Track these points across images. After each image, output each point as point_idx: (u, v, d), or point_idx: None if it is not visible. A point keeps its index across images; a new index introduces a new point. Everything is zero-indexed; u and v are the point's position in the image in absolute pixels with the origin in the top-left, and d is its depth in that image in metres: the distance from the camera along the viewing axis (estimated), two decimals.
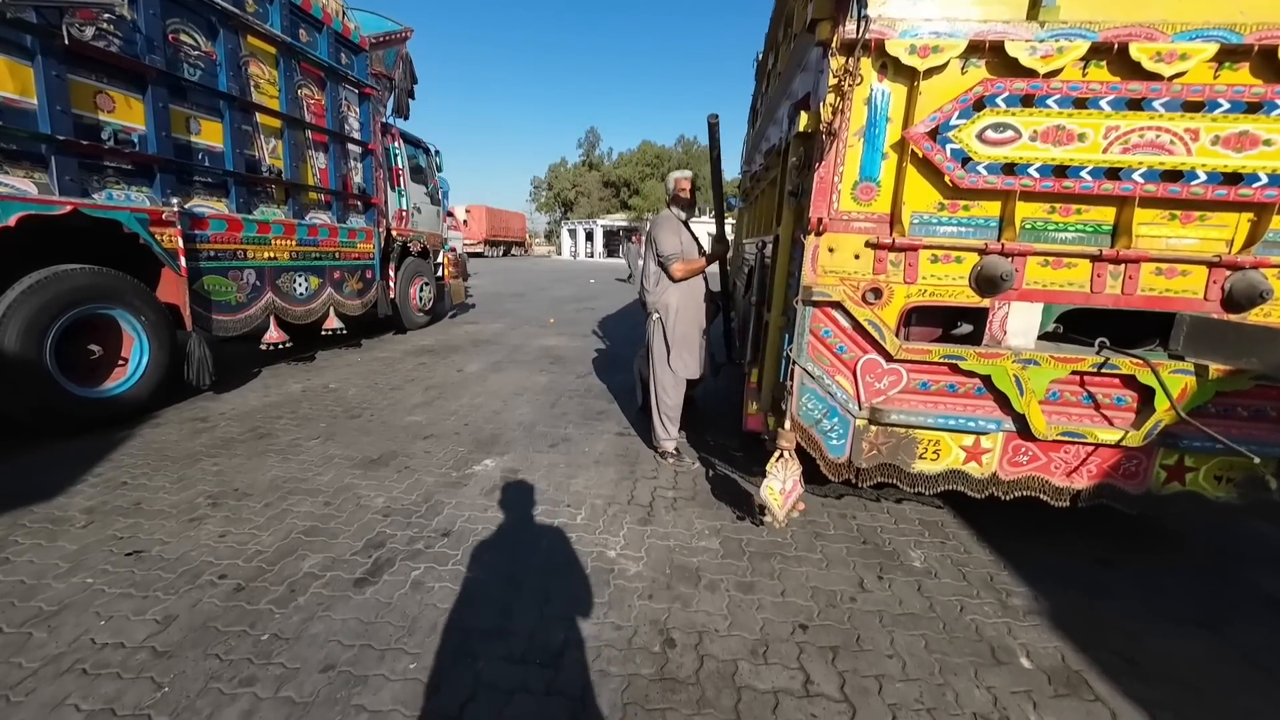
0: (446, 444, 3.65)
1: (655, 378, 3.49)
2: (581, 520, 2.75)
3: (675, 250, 3.31)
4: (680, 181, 3.46)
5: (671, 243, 3.32)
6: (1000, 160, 2.08)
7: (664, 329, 3.41)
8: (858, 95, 2.13)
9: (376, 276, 6.66)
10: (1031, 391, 2.23)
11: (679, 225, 3.41)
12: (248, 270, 4.79)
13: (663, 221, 3.40)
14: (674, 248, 3.31)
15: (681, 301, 3.41)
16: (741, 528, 2.74)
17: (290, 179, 5.24)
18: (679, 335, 3.42)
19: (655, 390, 3.49)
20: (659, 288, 3.43)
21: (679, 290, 3.40)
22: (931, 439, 2.36)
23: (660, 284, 3.42)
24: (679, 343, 3.43)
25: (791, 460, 2.44)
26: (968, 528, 2.82)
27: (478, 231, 37.03)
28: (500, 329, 8.42)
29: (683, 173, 3.53)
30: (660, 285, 3.42)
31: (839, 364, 2.36)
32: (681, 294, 3.40)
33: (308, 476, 3.09)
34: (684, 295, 3.41)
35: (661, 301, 3.41)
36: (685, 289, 3.41)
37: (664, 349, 3.43)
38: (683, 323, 3.42)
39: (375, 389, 4.87)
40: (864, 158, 2.20)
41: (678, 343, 3.42)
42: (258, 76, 4.87)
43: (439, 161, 8.66)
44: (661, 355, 3.43)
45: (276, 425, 3.86)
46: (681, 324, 3.42)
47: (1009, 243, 2.16)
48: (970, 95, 2.04)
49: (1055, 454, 2.33)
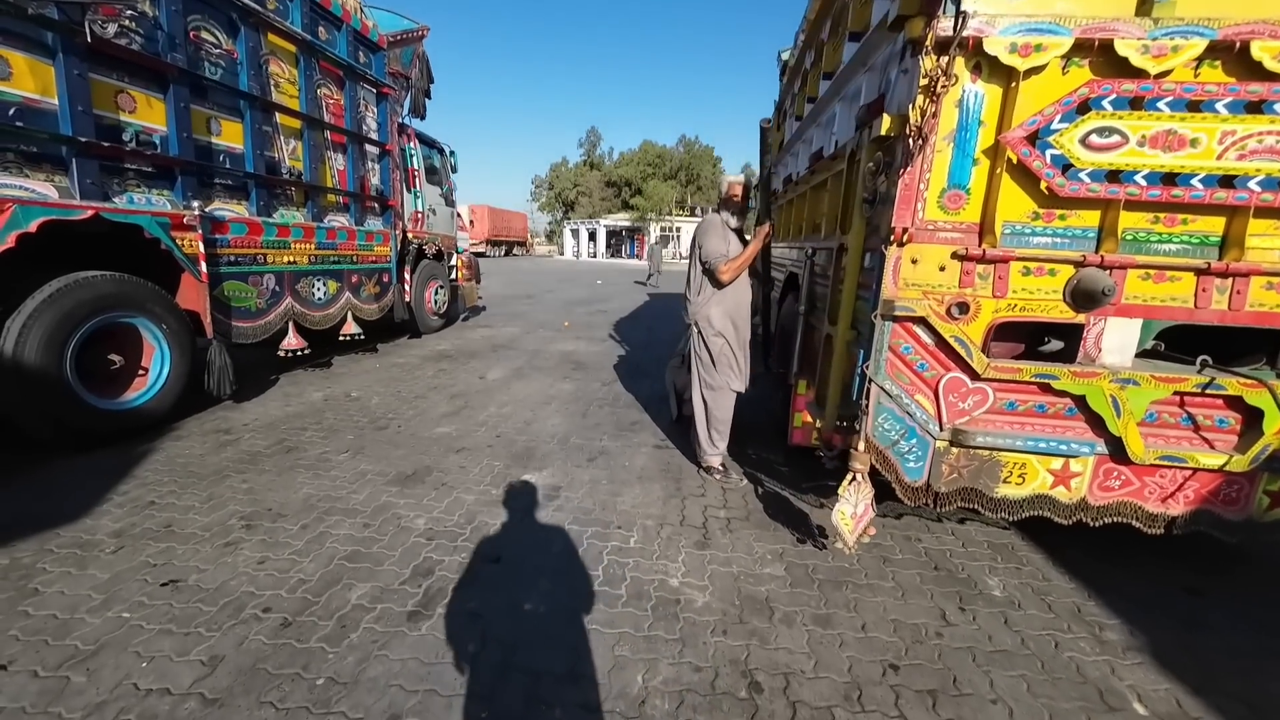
0: (480, 458, 3.51)
1: (701, 390, 3.35)
2: (636, 544, 2.61)
3: (722, 252, 3.16)
4: (733, 185, 3.30)
5: (719, 246, 3.17)
6: (1105, 167, 1.94)
7: (705, 342, 3.28)
8: (948, 97, 1.99)
9: (393, 280, 6.52)
10: (1129, 413, 2.09)
11: (726, 230, 3.25)
12: (268, 275, 4.65)
13: (709, 225, 3.25)
14: (721, 250, 3.16)
15: (724, 315, 3.25)
16: (805, 552, 2.60)
17: (309, 181, 5.10)
18: (718, 349, 3.28)
19: (704, 402, 3.34)
20: (701, 297, 3.28)
21: (722, 303, 3.24)
22: (1017, 462, 2.22)
23: (704, 293, 3.27)
24: (719, 357, 3.29)
25: (864, 483, 2.31)
26: (1040, 551, 2.68)
27: (480, 231, 36.90)
28: (515, 333, 8.27)
29: (735, 175, 3.38)
30: (703, 295, 3.27)
31: (919, 382, 2.23)
32: (725, 307, 3.25)
33: (342, 495, 2.95)
34: (727, 308, 3.25)
35: (703, 313, 3.26)
36: (730, 301, 3.24)
37: (708, 360, 3.30)
38: (723, 337, 3.27)
39: (399, 398, 4.72)
40: (953, 164, 2.06)
41: (718, 357, 3.29)
42: (278, 75, 4.73)
43: (454, 162, 8.52)
44: (708, 366, 3.30)
45: (302, 438, 3.72)
46: (721, 338, 3.27)
47: (1109, 255, 2.02)
48: (1075, 97, 1.90)
49: (1150, 478, 2.19)
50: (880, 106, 2.33)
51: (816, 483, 3.27)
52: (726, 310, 3.25)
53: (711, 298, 3.25)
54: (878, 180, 2.24)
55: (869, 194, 2.28)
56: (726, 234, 3.23)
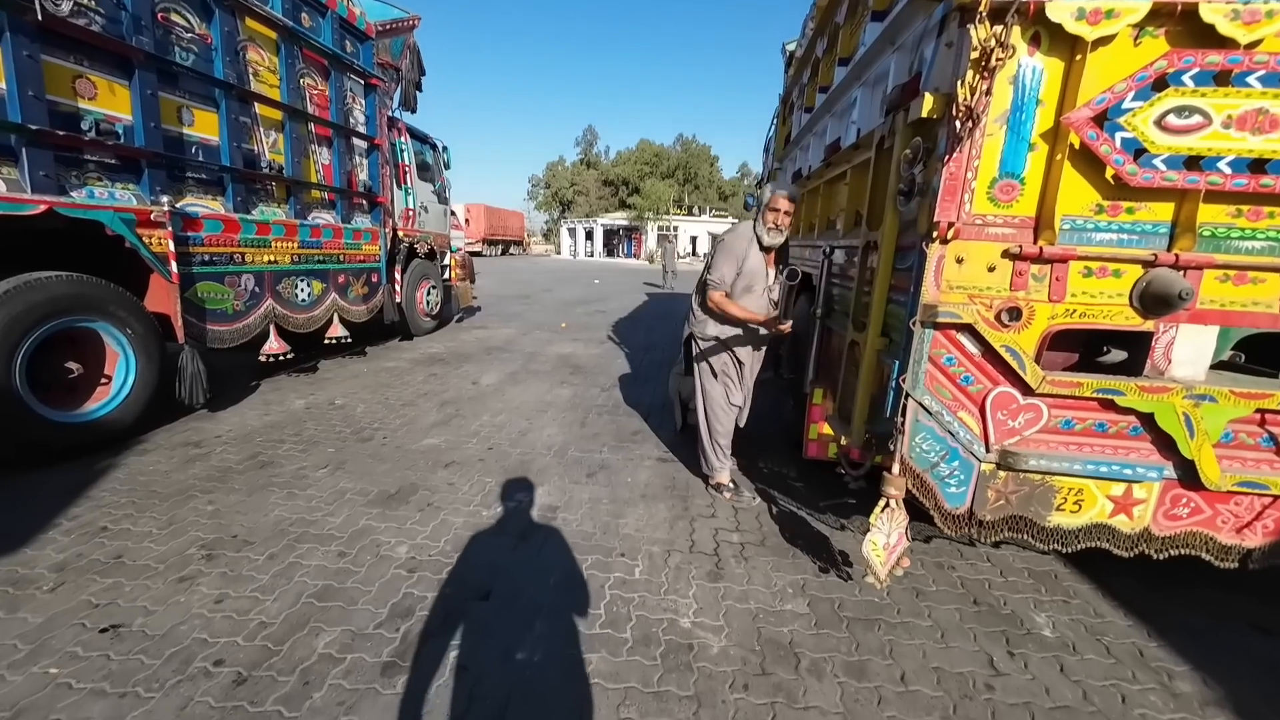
0: (471, 473, 3.24)
1: (701, 400, 3.10)
2: (641, 574, 2.35)
3: (725, 279, 2.85)
4: (776, 198, 2.82)
5: (724, 270, 2.85)
6: (1183, 152, 1.69)
7: (704, 353, 3.03)
8: (1001, 74, 1.73)
9: (383, 280, 6.24)
10: (1204, 433, 1.84)
11: (750, 249, 2.88)
12: (246, 275, 4.37)
13: (733, 240, 2.91)
14: (726, 276, 2.84)
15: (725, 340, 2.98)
16: (829, 584, 2.34)
17: (292, 175, 4.82)
18: (720, 366, 3.04)
19: (704, 413, 3.09)
20: (700, 316, 3.01)
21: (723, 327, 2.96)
22: (1073, 487, 1.97)
23: (703, 314, 2.99)
24: (721, 374, 3.06)
25: (898, 510, 2.05)
26: (1086, 580, 2.44)
27: (476, 230, 36.57)
28: (511, 334, 8.00)
29: (785, 189, 2.91)
30: (704, 316, 2.99)
31: (963, 398, 1.97)
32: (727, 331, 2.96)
33: (317, 518, 2.68)
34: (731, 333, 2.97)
35: (702, 332, 3.00)
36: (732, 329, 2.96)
37: (709, 372, 3.05)
38: (724, 359, 3.02)
39: (385, 405, 4.45)
40: (1005, 149, 1.80)
41: (720, 373, 3.05)
42: (257, 63, 4.44)
43: (447, 158, 8.24)
44: (706, 374, 3.06)
45: (279, 451, 3.45)
46: (722, 361, 3.03)
47: (1185, 253, 1.77)
48: (1151, 72, 1.64)
49: (1223, 506, 1.94)
50: (916, 86, 2.07)
51: (835, 500, 3.02)
52: (730, 335, 2.99)
53: (709, 319, 2.98)
54: (915, 169, 1.98)
55: (905, 185, 2.02)
56: (746, 255, 2.87)
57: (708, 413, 3.08)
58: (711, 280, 2.88)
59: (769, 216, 2.83)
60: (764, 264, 2.92)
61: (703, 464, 3.16)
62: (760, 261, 2.90)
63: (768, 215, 2.83)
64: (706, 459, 3.13)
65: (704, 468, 3.16)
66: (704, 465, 3.16)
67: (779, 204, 2.82)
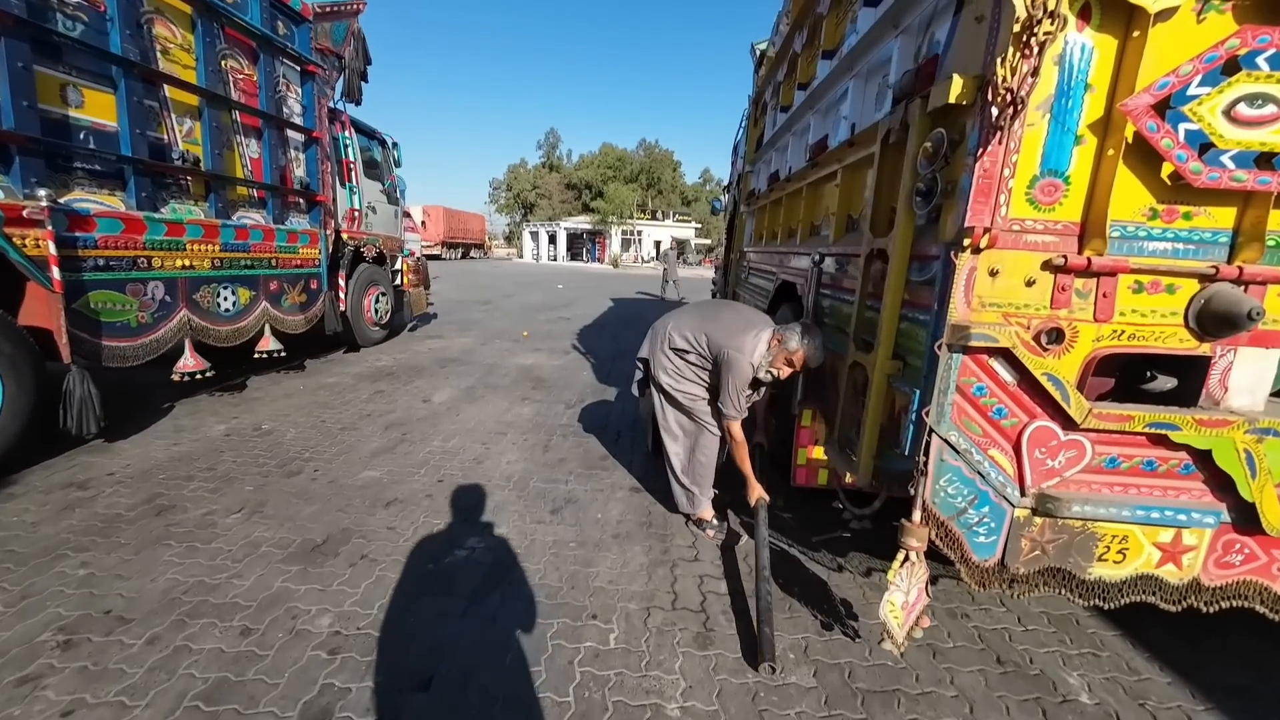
0: (415, 513, 2.80)
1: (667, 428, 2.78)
2: (617, 643, 1.97)
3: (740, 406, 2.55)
4: (799, 356, 2.44)
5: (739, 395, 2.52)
6: (1254, 148, 1.44)
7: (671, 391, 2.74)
8: (1046, 53, 1.45)
9: (323, 286, 5.67)
10: (1266, 472, 1.60)
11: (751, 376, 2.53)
12: (154, 282, 3.79)
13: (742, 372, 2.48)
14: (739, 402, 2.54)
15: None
16: (834, 644, 2.02)
17: (212, 169, 4.25)
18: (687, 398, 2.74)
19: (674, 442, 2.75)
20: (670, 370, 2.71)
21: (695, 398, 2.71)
22: (1117, 534, 1.70)
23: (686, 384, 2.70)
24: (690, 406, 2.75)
25: (919, 564, 1.75)
26: (1110, 626, 2.20)
27: (435, 233, 35.48)
28: (469, 344, 7.50)
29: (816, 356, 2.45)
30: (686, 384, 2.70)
31: (995, 433, 1.68)
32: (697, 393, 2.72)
33: (220, 581, 2.20)
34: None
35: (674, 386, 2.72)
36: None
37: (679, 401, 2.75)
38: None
39: (321, 430, 3.94)
40: (1048, 142, 1.53)
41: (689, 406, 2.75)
42: (167, 40, 3.88)
43: (397, 155, 7.69)
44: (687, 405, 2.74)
45: (184, 491, 2.92)
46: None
47: (1250, 265, 1.53)
48: (1223, 52, 1.39)
49: (1279, 551, 1.71)
50: (933, 70, 1.78)
51: (828, 535, 2.72)
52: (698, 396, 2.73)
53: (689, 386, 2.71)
54: (935, 166, 1.68)
55: (925, 185, 1.73)
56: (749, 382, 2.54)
57: (689, 440, 2.74)
58: (729, 414, 2.54)
59: (782, 365, 2.48)
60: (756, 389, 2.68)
61: (677, 500, 2.80)
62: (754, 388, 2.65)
63: (781, 364, 2.48)
64: (681, 495, 2.77)
65: (678, 500, 2.80)
66: (678, 501, 2.80)
67: (798, 361, 2.46)
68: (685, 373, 2.68)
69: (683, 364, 2.67)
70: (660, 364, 2.71)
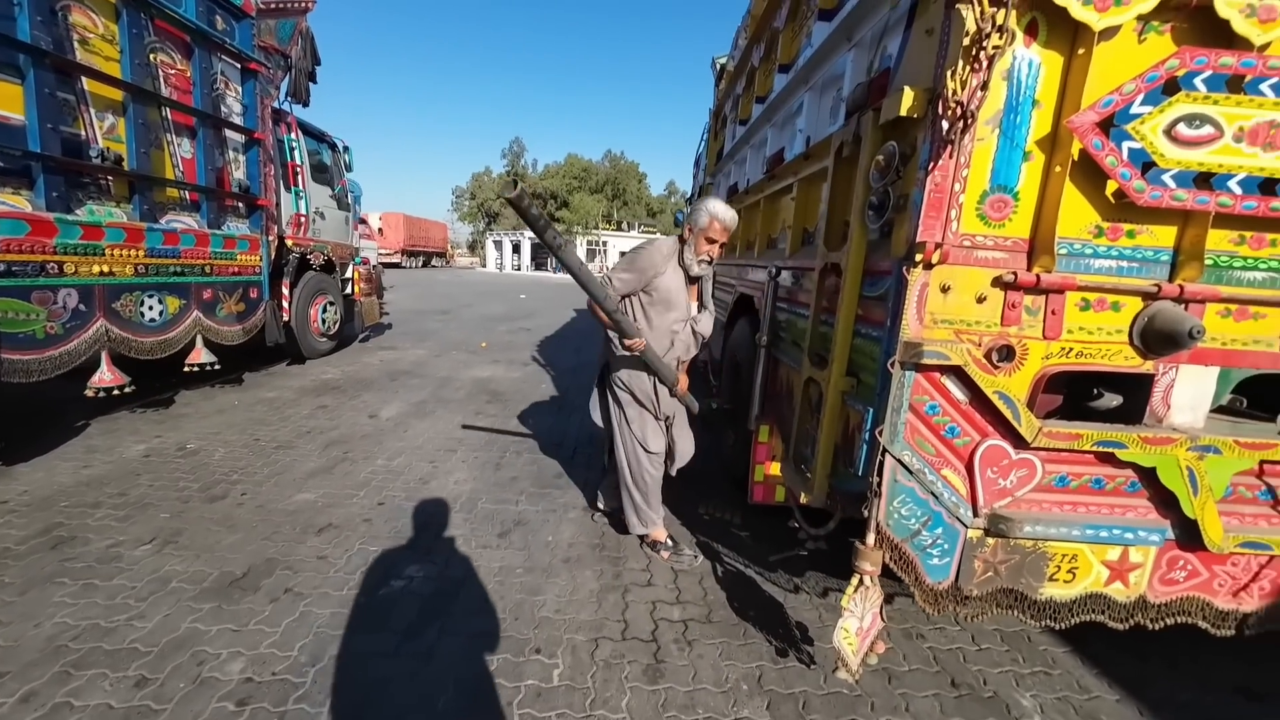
0: (351, 540, 2.61)
1: (624, 446, 2.61)
2: (562, 679, 1.84)
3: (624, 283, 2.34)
4: (714, 225, 2.30)
5: (629, 275, 2.33)
6: (1194, 167, 1.45)
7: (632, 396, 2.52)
8: (994, 68, 1.43)
9: (264, 295, 5.35)
10: (1208, 489, 1.61)
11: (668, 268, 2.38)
12: (65, 290, 3.47)
13: (653, 251, 2.39)
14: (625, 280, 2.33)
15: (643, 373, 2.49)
16: (789, 672, 1.95)
17: (136, 169, 3.95)
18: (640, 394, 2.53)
19: (626, 462, 2.61)
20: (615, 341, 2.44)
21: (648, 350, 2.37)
22: (1067, 554, 1.69)
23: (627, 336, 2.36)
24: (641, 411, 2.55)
25: (873, 588, 1.69)
26: (1062, 643, 2.19)
27: (395, 241, 34.62)
28: (423, 356, 7.23)
29: (727, 215, 2.32)
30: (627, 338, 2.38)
31: (948, 453, 1.64)
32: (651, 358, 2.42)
33: (119, 623, 1.98)
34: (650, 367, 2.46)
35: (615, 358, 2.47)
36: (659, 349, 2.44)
37: (635, 414, 2.54)
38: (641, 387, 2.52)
39: (254, 449, 3.67)
40: (998, 157, 1.51)
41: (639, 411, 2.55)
42: (86, 29, 3.60)
43: (348, 159, 7.40)
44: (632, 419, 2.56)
45: (89, 520, 2.65)
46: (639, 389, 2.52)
47: (1190, 284, 1.54)
48: (1163, 72, 1.39)
49: (1220, 567, 1.73)
50: (885, 83, 1.76)
51: (785, 554, 2.65)
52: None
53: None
54: (888, 180, 1.65)
55: (877, 198, 1.69)
56: (663, 271, 2.37)
57: (631, 463, 2.61)
58: (610, 277, 2.35)
59: (703, 245, 2.34)
60: (684, 288, 2.46)
61: (628, 520, 2.69)
62: (680, 284, 2.43)
63: (702, 243, 2.34)
64: (631, 514, 2.65)
65: (630, 524, 2.69)
66: (629, 521, 2.69)
67: (716, 232, 2.31)
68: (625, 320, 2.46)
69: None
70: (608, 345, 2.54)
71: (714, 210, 2.31)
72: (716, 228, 2.31)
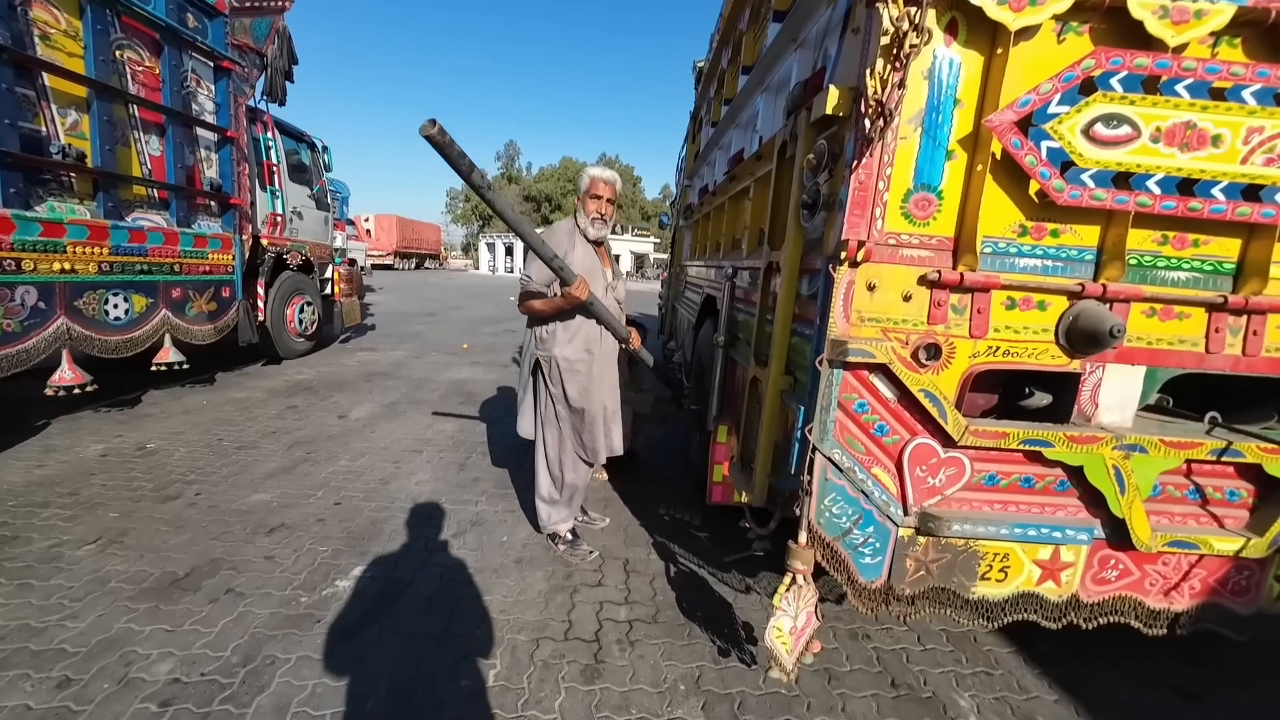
0: (302, 540, 2.59)
1: (544, 439, 2.58)
2: (496, 680, 1.83)
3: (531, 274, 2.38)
4: (596, 182, 2.44)
5: (535, 268, 2.36)
6: (1112, 167, 1.46)
7: (554, 391, 2.49)
8: (915, 66, 1.44)
9: (237, 295, 5.31)
10: (1135, 488, 1.61)
11: (574, 243, 2.42)
12: (23, 288, 3.43)
13: (550, 233, 2.43)
14: (531, 270, 2.37)
15: (586, 358, 2.46)
16: (729, 673, 1.94)
17: (101, 166, 3.92)
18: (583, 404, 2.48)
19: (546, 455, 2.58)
20: (547, 330, 2.44)
21: (582, 340, 2.44)
22: (998, 553, 1.69)
23: (551, 328, 2.43)
24: (584, 415, 2.50)
25: (807, 587, 1.69)
26: (1006, 643, 2.19)
27: (387, 242, 34.51)
28: (401, 357, 7.20)
29: (605, 173, 2.48)
30: (551, 329, 2.43)
31: (878, 451, 1.64)
32: (587, 344, 2.45)
33: (50, 623, 1.94)
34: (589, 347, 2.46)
35: (553, 353, 2.43)
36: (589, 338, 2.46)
37: (565, 412, 2.51)
38: (585, 387, 2.47)
39: (216, 449, 3.64)
40: (920, 156, 1.51)
41: (582, 414, 2.50)
42: (48, 24, 3.58)
43: (328, 159, 7.38)
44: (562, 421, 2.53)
45: (35, 520, 2.61)
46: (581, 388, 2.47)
47: (1113, 283, 1.55)
48: (1079, 72, 1.40)
49: (1151, 567, 1.73)
50: (820, 82, 1.77)
51: (741, 555, 2.63)
52: (588, 349, 2.47)
53: (561, 331, 2.43)
54: (819, 177, 1.66)
55: (809, 197, 1.70)
56: (571, 248, 2.41)
57: (550, 455, 2.58)
58: (523, 280, 2.39)
59: (590, 205, 2.45)
60: (596, 259, 2.50)
61: (540, 514, 2.65)
62: (591, 255, 2.48)
63: (589, 203, 2.45)
64: (550, 510, 2.63)
65: (541, 519, 2.66)
66: (541, 516, 2.65)
67: (599, 189, 2.44)
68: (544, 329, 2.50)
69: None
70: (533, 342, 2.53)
71: (590, 172, 2.48)
72: (600, 186, 2.44)
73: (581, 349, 2.45)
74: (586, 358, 2.47)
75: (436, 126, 1.70)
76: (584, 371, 2.47)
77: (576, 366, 2.45)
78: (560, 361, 2.43)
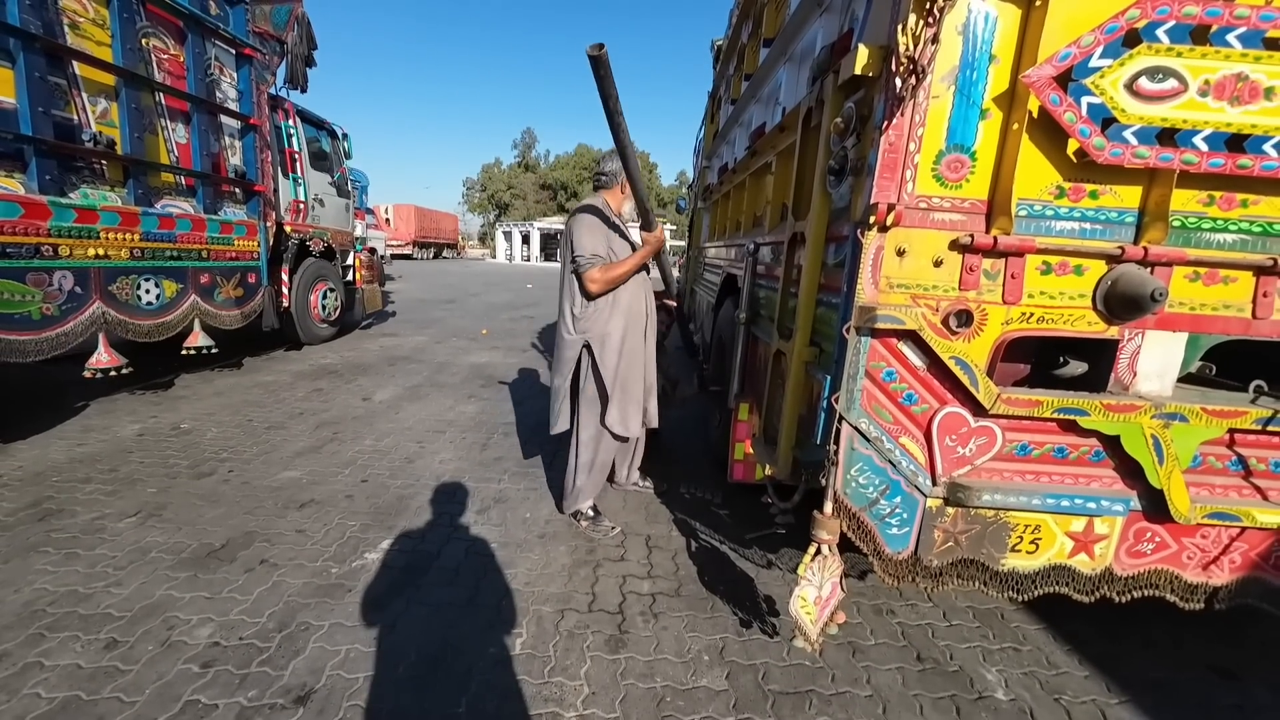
0: (331, 515, 2.65)
1: (586, 426, 2.61)
2: (523, 648, 1.86)
3: (598, 252, 2.41)
4: (609, 178, 2.60)
5: (593, 242, 2.42)
6: (1156, 123, 1.40)
7: (603, 369, 2.50)
8: (949, 20, 1.39)
9: (262, 281, 5.42)
10: (1174, 458, 1.57)
11: (605, 224, 2.49)
12: (60, 272, 3.54)
13: (584, 217, 2.47)
14: (595, 248, 2.41)
15: (629, 331, 2.52)
16: (752, 644, 1.94)
17: (130, 153, 4.00)
18: (626, 379, 2.54)
19: (588, 441, 2.62)
20: (589, 311, 2.48)
21: (623, 314, 2.50)
22: (1030, 524, 1.66)
23: (592, 307, 2.48)
24: (626, 390, 2.56)
25: (832, 557, 1.68)
26: (1034, 619, 2.16)
27: (406, 232, 34.86)
28: (423, 342, 7.29)
29: (604, 162, 2.62)
30: (593, 309, 2.48)
31: (906, 420, 1.62)
32: (628, 319, 2.51)
33: (96, 589, 2.02)
34: (630, 321, 2.52)
35: (599, 331, 2.48)
36: (631, 311, 2.52)
37: (607, 387, 2.53)
38: (630, 361, 2.54)
39: (247, 429, 3.73)
40: (954, 115, 1.47)
41: (624, 389, 2.55)
42: (76, 14, 3.64)
43: (347, 146, 7.44)
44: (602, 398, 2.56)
45: (78, 495, 2.71)
46: (628, 362, 2.53)
47: (1155, 246, 1.49)
48: (1123, 22, 1.34)
49: (1189, 540, 1.69)
50: (848, 44, 1.72)
51: (762, 532, 2.65)
52: (629, 323, 2.52)
53: (603, 310, 2.48)
54: (847, 142, 1.62)
55: (836, 162, 1.66)
56: (605, 229, 2.47)
57: (583, 436, 2.62)
58: (582, 259, 2.41)
59: (614, 206, 2.61)
60: (623, 239, 2.58)
61: (569, 494, 2.71)
62: (620, 238, 2.55)
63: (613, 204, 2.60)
64: (570, 490, 2.69)
65: (568, 498, 2.71)
66: (569, 496, 2.71)
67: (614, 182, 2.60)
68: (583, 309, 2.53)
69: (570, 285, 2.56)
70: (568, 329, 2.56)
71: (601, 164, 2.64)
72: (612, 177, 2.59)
73: (621, 323, 2.50)
74: (626, 331, 2.51)
75: (604, 50, 1.74)
76: (626, 345, 2.51)
77: (619, 340, 2.50)
78: (605, 338, 2.48)
